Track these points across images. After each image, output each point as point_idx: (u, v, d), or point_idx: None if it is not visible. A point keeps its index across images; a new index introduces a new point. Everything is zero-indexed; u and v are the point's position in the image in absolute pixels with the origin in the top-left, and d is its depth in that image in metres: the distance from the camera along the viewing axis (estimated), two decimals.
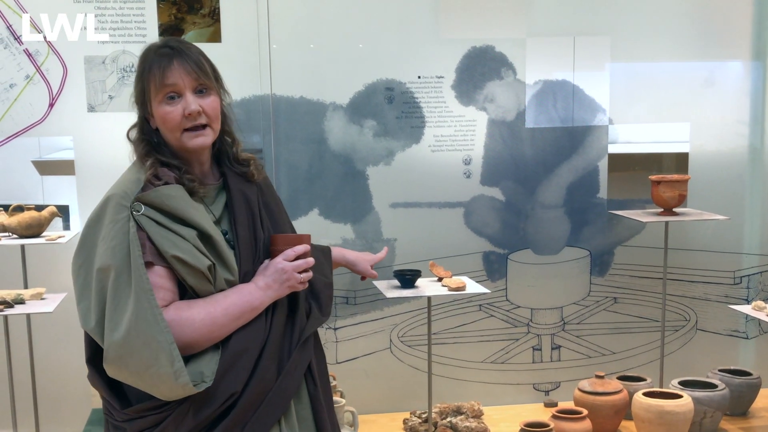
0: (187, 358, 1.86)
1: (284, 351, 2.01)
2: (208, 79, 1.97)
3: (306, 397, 2.08)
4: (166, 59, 1.94)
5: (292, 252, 2.00)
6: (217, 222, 2.04)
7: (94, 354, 1.95)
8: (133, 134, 2.04)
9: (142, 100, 1.99)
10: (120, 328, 1.80)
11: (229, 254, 1.98)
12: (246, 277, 2.00)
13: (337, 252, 2.42)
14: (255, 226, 2.06)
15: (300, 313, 2.07)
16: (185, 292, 1.93)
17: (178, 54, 1.95)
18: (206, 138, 1.99)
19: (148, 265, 1.85)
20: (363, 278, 2.58)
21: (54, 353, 3.72)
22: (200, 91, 1.97)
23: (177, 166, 1.97)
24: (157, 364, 1.79)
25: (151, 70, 1.94)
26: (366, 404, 3.88)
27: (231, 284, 1.96)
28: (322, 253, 2.29)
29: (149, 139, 2.01)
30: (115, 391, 1.94)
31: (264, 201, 2.15)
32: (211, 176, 2.09)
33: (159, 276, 1.86)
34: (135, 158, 2.02)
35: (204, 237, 1.92)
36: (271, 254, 2.03)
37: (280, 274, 1.97)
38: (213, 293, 1.93)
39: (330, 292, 2.20)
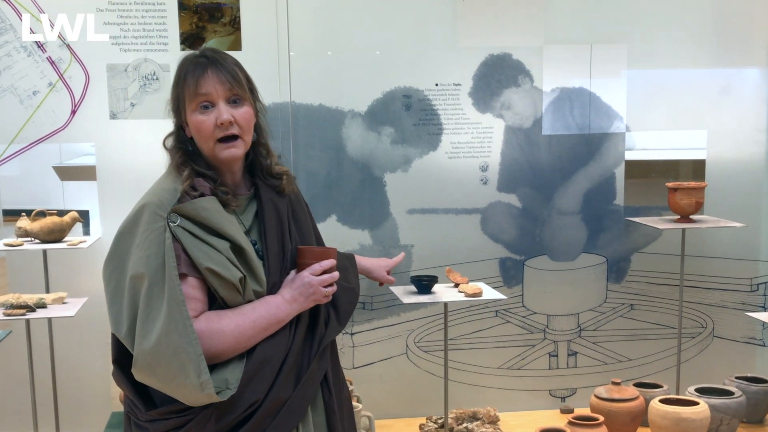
0: (213, 365, 1.89)
1: (303, 360, 2.04)
2: (241, 90, 1.99)
3: (321, 403, 2.11)
4: (200, 68, 1.97)
5: (318, 267, 2.02)
6: (247, 232, 2.05)
7: (121, 355, 1.97)
8: (170, 143, 2.08)
9: (177, 109, 2.03)
10: (150, 337, 1.83)
11: (259, 266, 2.00)
12: (273, 288, 2.03)
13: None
14: (284, 237, 2.08)
15: (320, 322, 2.10)
16: (214, 302, 1.95)
17: (212, 63, 1.97)
18: (237, 150, 2.00)
19: (182, 276, 1.87)
20: (380, 284, 2.61)
21: (75, 357, 3.76)
22: (234, 102, 1.98)
23: (212, 177, 2.00)
24: (183, 374, 1.82)
25: (186, 78, 1.98)
26: (382, 409, 3.90)
27: (259, 295, 1.99)
28: (347, 260, 2.32)
29: (185, 148, 2.04)
30: (140, 391, 1.97)
31: (293, 212, 2.17)
32: (242, 186, 2.11)
33: (191, 287, 1.89)
34: (170, 167, 2.05)
35: (236, 249, 1.95)
36: (298, 266, 2.06)
37: (307, 288, 2.00)
38: (241, 304, 1.96)
39: (351, 298, 2.22)
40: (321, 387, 2.11)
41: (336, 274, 2.07)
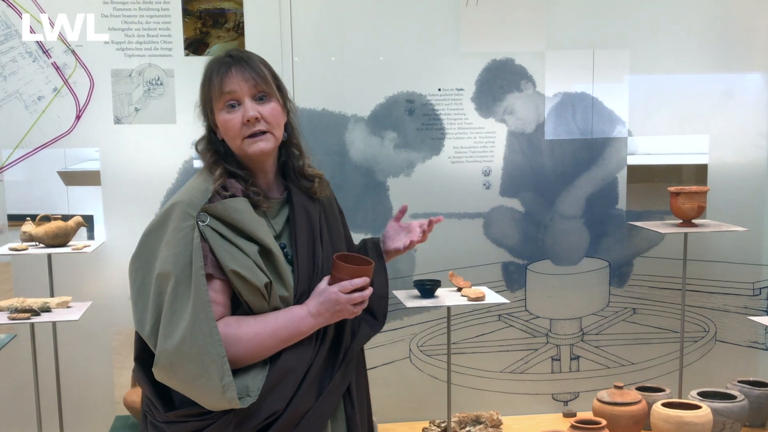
0: (235, 371, 1.87)
1: (327, 372, 2.01)
2: (267, 86, 1.97)
3: (342, 416, 2.07)
4: (224, 67, 1.96)
5: (349, 285, 1.94)
6: (278, 236, 2.04)
7: (143, 352, 1.97)
8: (201, 146, 2.06)
9: (206, 111, 2.02)
10: (174, 337, 1.82)
11: (287, 271, 1.98)
12: (303, 296, 2.00)
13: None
14: (315, 243, 2.05)
15: (346, 333, 2.06)
16: (239, 305, 1.94)
17: (236, 62, 1.97)
18: (266, 143, 1.98)
19: (208, 277, 1.86)
20: (410, 244, 2.35)
21: (79, 361, 3.77)
22: (260, 98, 1.97)
23: (243, 178, 1.98)
24: (206, 375, 1.81)
25: (211, 79, 1.97)
26: (385, 413, 3.91)
27: (285, 301, 1.97)
28: (382, 269, 2.24)
29: (216, 149, 2.02)
30: (159, 392, 1.95)
31: (326, 218, 2.14)
32: (275, 188, 2.09)
33: (214, 290, 1.88)
34: (203, 168, 2.04)
35: (264, 252, 1.93)
36: (331, 277, 1.99)
37: (334, 304, 1.94)
38: (266, 309, 1.93)
39: (381, 302, 2.18)
40: (343, 399, 2.08)
41: (368, 291, 1.98)
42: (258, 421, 1.89)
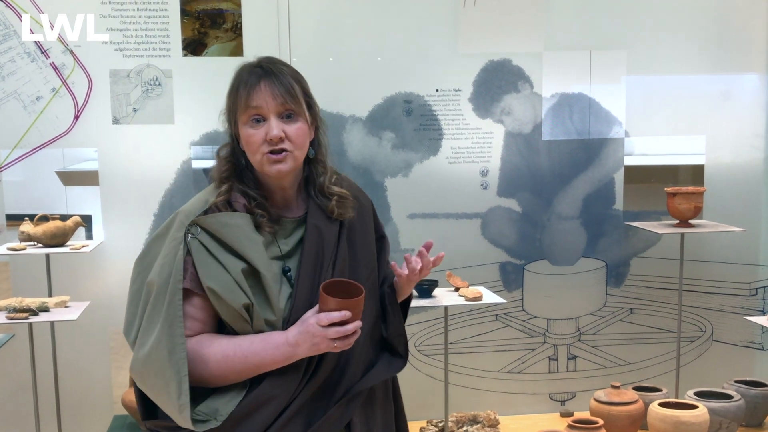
0: (210, 391, 1.82)
1: (318, 406, 1.87)
2: (296, 104, 1.86)
3: None
4: (254, 79, 1.85)
5: (325, 318, 1.75)
6: (285, 257, 1.91)
7: None
8: (223, 153, 1.95)
9: (231, 120, 1.91)
10: (145, 348, 1.79)
11: (275, 294, 1.85)
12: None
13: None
14: (322, 266, 1.90)
15: (352, 366, 1.92)
16: (224, 326, 1.87)
17: (267, 75, 1.86)
18: (285, 165, 1.85)
19: (188, 292, 1.80)
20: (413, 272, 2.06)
21: (77, 361, 3.78)
22: (287, 116, 1.86)
23: (253, 197, 1.89)
24: (167, 392, 1.76)
25: (239, 89, 1.86)
26: None
27: (272, 325, 1.84)
28: (394, 307, 2.07)
29: (236, 162, 1.92)
30: (142, 399, 1.91)
31: (350, 240, 1.99)
32: (296, 206, 1.97)
33: (193, 305, 1.82)
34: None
35: (252, 272, 1.82)
36: (319, 303, 1.81)
37: (311, 337, 1.77)
38: (250, 332, 1.83)
39: (400, 339, 2.04)
40: None
41: (352, 326, 1.77)
42: None
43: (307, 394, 1.84)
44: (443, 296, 3.46)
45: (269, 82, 1.85)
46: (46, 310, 3.23)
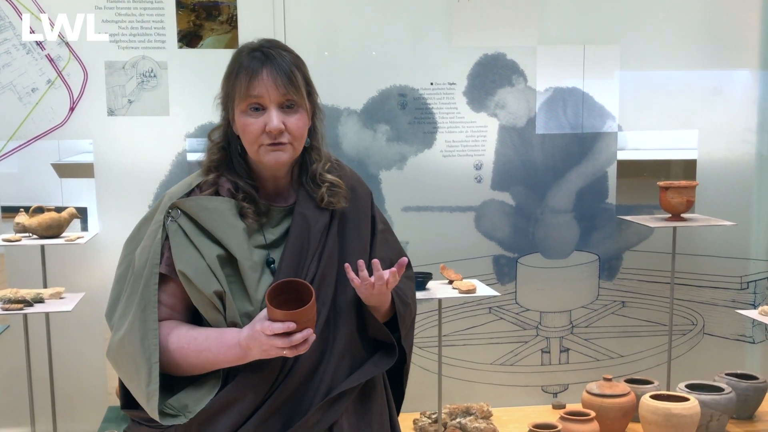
0: (182, 385, 1.79)
1: (298, 406, 1.79)
2: (297, 95, 1.78)
3: None
4: (257, 64, 1.77)
5: (269, 328, 1.63)
6: (270, 246, 1.84)
7: None
8: (216, 136, 1.89)
9: (226, 104, 1.84)
10: (120, 332, 1.76)
11: (254, 283, 1.77)
12: None
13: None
14: (306, 257, 1.83)
15: (334, 365, 1.83)
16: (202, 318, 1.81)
17: (269, 62, 1.77)
18: (283, 155, 1.79)
19: (162, 277, 1.76)
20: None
21: (72, 352, 3.79)
22: (288, 107, 1.79)
23: (243, 188, 1.83)
24: (137, 378, 1.73)
25: (239, 75, 1.78)
26: None
27: (249, 316, 1.75)
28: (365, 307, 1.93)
29: (225, 147, 1.87)
30: (122, 386, 1.86)
31: (342, 231, 1.91)
32: (287, 195, 1.91)
33: (165, 291, 1.78)
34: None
35: (230, 259, 1.77)
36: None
37: (260, 344, 1.66)
38: (222, 322, 1.77)
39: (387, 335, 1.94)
40: None
41: (299, 336, 1.63)
42: None
43: (284, 394, 1.76)
44: (437, 289, 3.48)
45: (271, 70, 1.76)
46: (41, 301, 3.23)
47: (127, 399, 1.84)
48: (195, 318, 1.84)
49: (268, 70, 1.76)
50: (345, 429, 1.83)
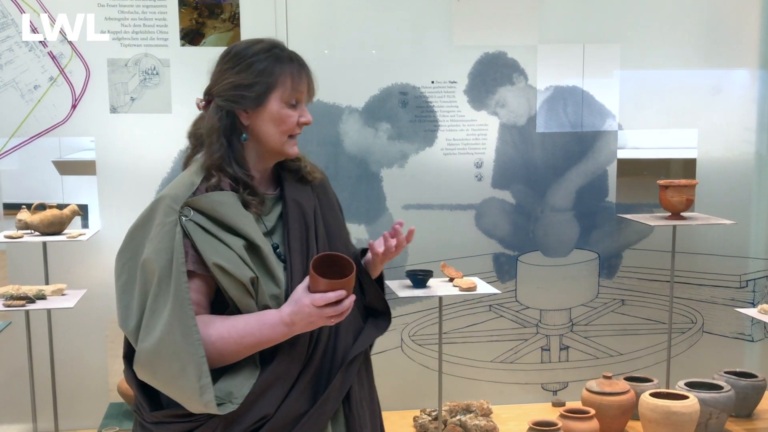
0: (221, 374, 1.83)
1: (322, 375, 1.93)
2: (313, 96, 2.02)
3: (342, 419, 1.98)
4: (296, 67, 1.95)
5: (321, 299, 1.77)
6: (269, 233, 1.95)
7: (130, 350, 1.90)
8: (213, 128, 1.92)
9: (260, 95, 1.90)
10: (153, 335, 1.77)
11: (278, 267, 1.89)
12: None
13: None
14: (308, 239, 1.97)
15: (345, 335, 1.97)
16: (226, 306, 1.88)
17: (304, 66, 1.98)
18: (297, 146, 2.00)
19: (188, 274, 1.80)
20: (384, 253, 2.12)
21: (73, 348, 3.80)
22: (306, 105, 2.00)
23: (244, 182, 1.91)
24: (183, 376, 1.76)
25: (283, 72, 1.92)
26: None
27: (276, 298, 1.87)
28: (363, 275, 2.09)
29: (228, 142, 1.91)
30: (146, 391, 1.89)
31: (321, 206, 2.05)
32: (270, 183, 2.02)
33: (193, 288, 1.82)
34: (193, 161, 1.95)
35: (252, 248, 1.85)
36: (311, 283, 1.81)
37: (307, 316, 1.79)
38: (254, 307, 1.85)
39: (381, 303, 2.10)
40: (342, 403, 1.97)
41: (347, 303, 1.80)
42: (246, 425, 1.82)
43: (313, 365, 1.89)
44: (437, 286, 3.49)
45: (308, 72, 1.98)
46: (43, 297, 3.24)
47: (151, 401, 1.88)
48: (213, 312, 1.90)
49: (306, 72, 1.97)
50: (356, 390, 1.99)
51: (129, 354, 1.91)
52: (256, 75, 1.91)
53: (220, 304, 1.88)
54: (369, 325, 2.07)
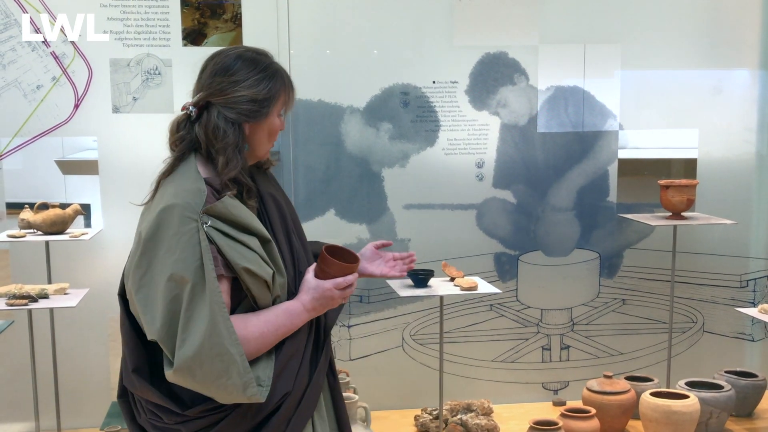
0: None
1: (315, 350, 2.09)
2: None
3: (327, 387, 2.16)
4: (288, 78, 2.05)
5: (344, 282, 2.02)
6: None
7: (141, 362, 1.94)
8: (228, 137, 1.95)
9: (260, 107, 1.97)
10: (193, 341, 1.81)
11: (280, 258, 2.01)
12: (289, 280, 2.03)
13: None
14: (288, 230, 2.10)
15: (321, 315, 2.12)
16: (239, 303, 1.95)
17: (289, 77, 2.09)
18: None
19: (218, 278, 1.86)
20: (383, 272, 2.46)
21: (76, 347, 3.81)
22: None
23: (247, 185, 2.00)
24: (227, 375, 1.83)
25: (285, 87, 2.03)
26: (378, 401, 3.95)
27: (282, 287, 1.99)
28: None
29: (240, 150, 1.98)
30: (168, 394, 1.93)
31: (287, 205, 2.18)
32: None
33: (222, 291, 1.87)
34: (187, 165, 1.97)
35: (264, 243, 1.95)
36: (320, 271, 2.03)
37: (329, 300, 2.01)
38: (269, 301, 1.96)
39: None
40: (327, 376, 2.16)
41: (355, 285, 2.08)
42: (272, 405, 1.94)
43: (311, 343, 2.06)
44: (438, 286, 3.50)
45: (292, 84, 2.08)
46: (45, 297, 3.25)
47: (179, 401, 1.93)
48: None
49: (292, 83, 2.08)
50: (333, 360, 2.20)
51: (140, 366, 1.95)
52: (269, 90, 1.99)
53: (232, 302, 1.95)
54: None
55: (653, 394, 3.57)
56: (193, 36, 3.73)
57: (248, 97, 1.96)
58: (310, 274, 2.03)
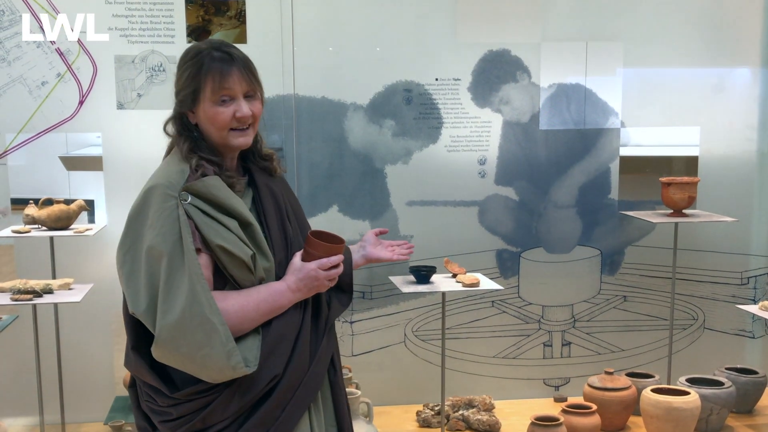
0: None
1: (314, 338, 2.10)
2: (258, 87, 2.09)
3: (327, 381, 2.17)
4: (226, 65, 2.02)
5: (327, 262, 2.05)
6: None
7: (139, 340, 1.99)
8: (171, 128, 2.11)
9: (192, 98, 2.04)
10: (174, 311, 1.87)
11: (265, 243, 2.05)
12: (279, 266, 2.07)
13: (357, 257, 2.44)
14: (282, 217, 2.14)
15: (323, 304, 2.15)
16: (225, 283, 2.00)
17: (235, 61, 2.04)
18: (248, 138, 2.09)
19: (196, 251, 1.91)
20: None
21: (80, 342, 3.83)
22: (249, 96, 2.06)
23: (217, 163, 2.05)
24: (209, 344, 1.87)
25: (209, 72, 2.01)
26: (380, 396, 3.97)
27: (268, 271, 2.04)
28: (346, 250, 2.32)
29: (190, 135, 2.07)
30: (161, 375, 1.99)
31: (287, 195, 2.23)
32: (238, 171, 2.15)
33: (201, 265, 1.92)
34: (174, 151, 2.08)
35: (245, 226, 2.00)
36: (306, 254, 2.08)
37: (313, 280, 2.04)
38: (253, 282, 2.01)
39: (348, 279, 2.26)
40: (328, 371, 2.17)
41: (341, 267, 2.11)
42: (260, 387, 1.96)
43: (306, 328, 2.08)
44: (441, 282, 3.51)
45: (239, 68, 2.04)
46: (50, 292, 3.26)
47: (168, 384, 1.98)
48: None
49: (236, 67, 2.04)
50: (335, 353, 2.21)
51: (137, 344, 2.00)
52: (185, 80, 2.06)
53: (218, 282, 2.00)
54: (335, 298, 2.22)
55: (654, 391, 3.59)
56: (197, 33, 3.75)
57: (177, 88, 2.10)
58: (296, 258, 2.08)
